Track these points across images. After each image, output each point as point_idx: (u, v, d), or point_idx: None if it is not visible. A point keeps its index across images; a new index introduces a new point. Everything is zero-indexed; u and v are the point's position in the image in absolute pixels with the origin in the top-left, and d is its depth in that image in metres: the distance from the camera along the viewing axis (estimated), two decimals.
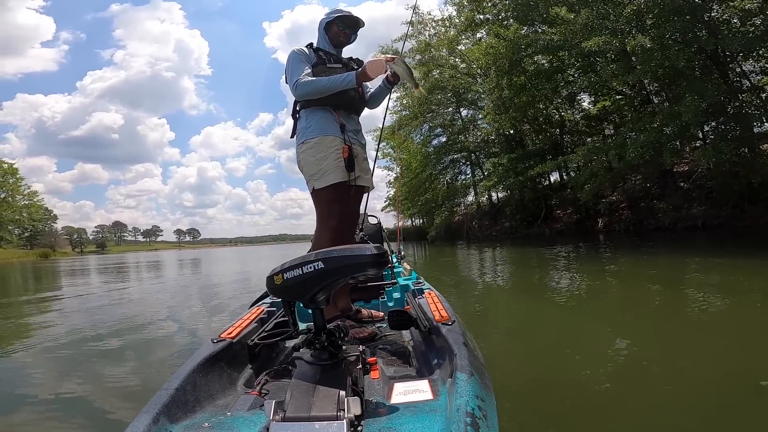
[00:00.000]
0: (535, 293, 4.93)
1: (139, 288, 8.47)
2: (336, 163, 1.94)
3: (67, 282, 11.04)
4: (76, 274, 14.77)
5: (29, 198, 49.86)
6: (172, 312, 5.01)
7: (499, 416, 0.95)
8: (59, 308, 5.89)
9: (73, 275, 13.91)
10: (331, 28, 2.12)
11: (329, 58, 2.07)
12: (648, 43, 9.28)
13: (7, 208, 45.80)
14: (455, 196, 22.11)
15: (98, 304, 6.03)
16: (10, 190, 46.59)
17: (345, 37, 2.15)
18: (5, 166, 46.45)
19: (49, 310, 5.68)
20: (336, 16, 2.11)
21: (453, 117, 22.87)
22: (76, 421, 1.95)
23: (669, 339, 2.62)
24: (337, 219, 1.98)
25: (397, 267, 3.14)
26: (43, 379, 2.64)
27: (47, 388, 2.44)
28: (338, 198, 1.97)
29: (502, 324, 3.55)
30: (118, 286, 8.84)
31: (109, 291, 8.02)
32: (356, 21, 2.16)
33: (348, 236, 2.11)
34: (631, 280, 5.26)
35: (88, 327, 4.17)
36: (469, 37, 16.84)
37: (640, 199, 16.03)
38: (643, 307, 3.65)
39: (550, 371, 2.20)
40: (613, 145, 11.58)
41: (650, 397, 1.75)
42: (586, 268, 6.68)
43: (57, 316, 5.22)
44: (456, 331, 1.26)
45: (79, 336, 3.77)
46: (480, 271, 7.69)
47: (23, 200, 48.96)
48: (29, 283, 11.83)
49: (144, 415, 0.88)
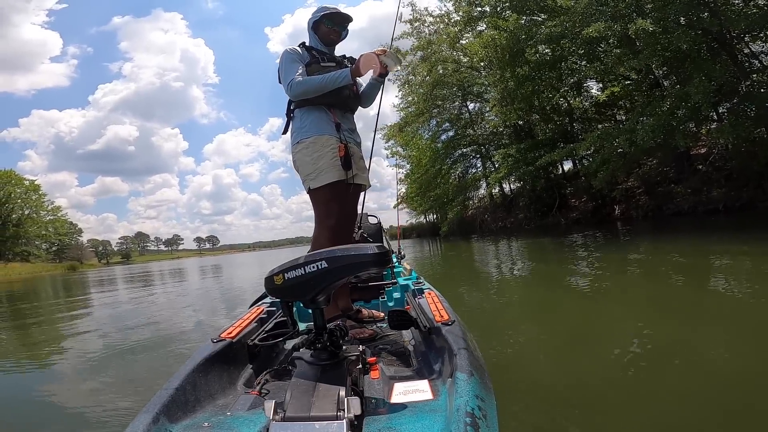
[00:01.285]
0: (549, 286, 4.83)
1: (170, 292, 8.89)
2: (332, 162, 1.93)
3: (107, 290, 11.53)
4: (111, 283, 15.44)
5: (53, 213, 51.54)
6: (197, 313, 5.37)
7: (499, 416, 0.94)
8: (99, 314, 6.28)
9: (109, 284, 14.57)
10: (319, 27, 2.09)
11: (322, 56, 2.05)
12: (650, 27, 9.01)
13: (33, 223, 47.49)
14: (466, 190, 21.91)
15: (130, 308, 6.52)
16: (33, 206, 48.28)
17: (335, 35, 2.11)
18: (27, 183, 48.12)
19: (86, 316, 6.09)
20: (322, 14, 2.07)
21: (460, 111, 22.67)
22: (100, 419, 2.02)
23: (693, 335, 2.45)
24: (336, 218, 1.97)
25: (397, 267, 3.13)
26: (68, 380, 2.85)
27: (70, 388, 2.63)
28: (336, 197, 1.96)
29: (512, 319, 3.46)
30: (148, 292, 9.38)
31: (143, 296, 8.49)
32: (343, 17, 2.11)
33: (347, 236, 2.10)
34: (652, 270, 4.98)
35: (118, 330, 4.48)
36: (469, 32, 16.62)
37: (657, 184, 15.60)
38: (665, 299, 3.40)
39: (561, 369, 2.16)
40: (623, 130, 11.29)
41: (665, 399, 1.67)
42: (604, 257, 6.48)
43: (92, 321, 5.60)
44: (456, 331, 1.26)
45: (111, 339, 4.07)
46: (492, 265, 7.62)
47: (48, 215, 50.66)
48: (72, 292, 12.29)
49: (144, 415, 0.88)
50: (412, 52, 19.44)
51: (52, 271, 39.38)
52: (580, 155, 15.89)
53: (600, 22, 9.76)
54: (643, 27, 9.06)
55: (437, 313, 1.46)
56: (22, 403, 2.44)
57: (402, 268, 3.05)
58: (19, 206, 46.74)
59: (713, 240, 6.77)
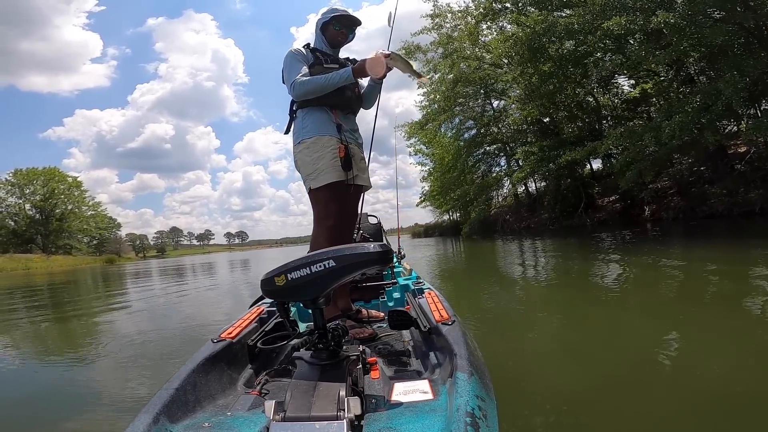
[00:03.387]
0: (566, 288, 4.74)
1: (200, 287, 9.20)
2: (332, 163, 1.93)
3: (150, 282, 12.15)
4: (146, 275, 16.25)
5: (94, 208, 54.29)
6: (226, 306, 5.72)
7: (500, 416, 0.94)
8: (136, 307, 6.58)
9: (144, 276, 15.37)
10: (327, 28, 2.09)
11: (326, 58, 2.05)
12: (673, 20, 8.57)
13: (75, 218, 50.16)
14: (489, 189, 21.55)
15: (163, 302, 6.91)
16: (75, 201, 50.97)
17: (343, 37, 2.12)
18: (69, 180, 50.86)
19: (123, 309, 6.39)
20: (332, 16, 2.07)
21: (483, 108, 22.31)
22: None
23: (720, 353, 2.22)
24: (334, 219, 1.97)
25: (397, 267, 3.13)
26: (104, 369, 2.98)
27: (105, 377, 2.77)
28: (335, 198, 1.97)
29: (521, 319, 3.45)
30: (181, 285, 9.99)
31: (176, 290, 8.89)
32: (352, 20, 2.12)
33: (347, 236, 2.10)
34: (680, 276, 4.64)
35: (151, 319, 4.84)
36: (490, 27, 16.32)
37: (690, 184, 14.88)
38: (691, 310, 3.13)
39: (568, 371, 2.14)
40: (648, 128, 10.82)
41: (670, 408, 1.61)
42: (629, 261, 6.15)
43: (127, 313, 5.94)
44: (456, 331, 1.26)
45: (144, 329, 4.33)
46: (512, 268, 7.39)
47: (89, 211, 53.39)
48: (110, 284, 13.04)
49: (144, 415, 0.88)
50: (433, 48, 19.27)
51: (92, 264, 41.42)
52: (606, 154, 15.30)
53: (619, 17, 9.37)
54: (665, 20, 8.63)
55: (437, 312, 1.46)
56: (58, 390, 2.57)
57: (402, 267, 3.06)
58: (62, 202, 49.43)
59: (752, 245, 6.31)
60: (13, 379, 2.93)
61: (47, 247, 45.97)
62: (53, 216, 47.98)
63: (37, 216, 47.70)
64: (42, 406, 2.27)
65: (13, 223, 46.53)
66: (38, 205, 47.40)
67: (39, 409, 2.23)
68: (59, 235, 48.35)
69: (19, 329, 5.14)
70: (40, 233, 47.11)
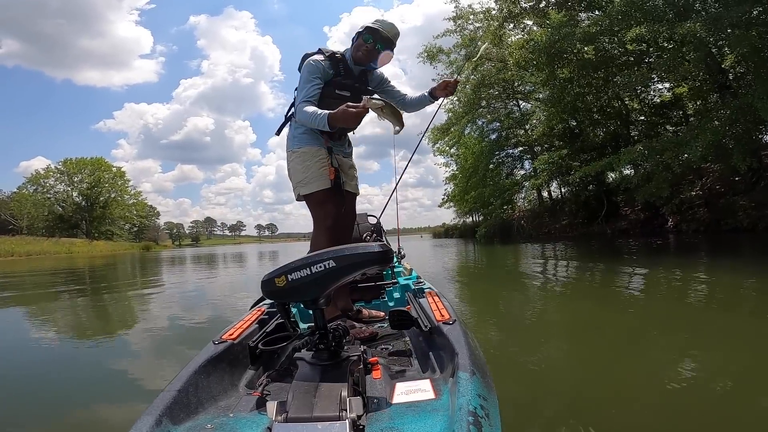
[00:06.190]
0: (581, 296, 4.77)
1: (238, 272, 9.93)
2: (320, 172, 1.95)
3: (177, 271, 13.01)
4: (181, 262, 17.36)
5: (135, 197, 57.13)
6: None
7: (502, 415, 0.94)
8: (169, 292, 7.11)
9: (180, 263, 16.48)
10: (358, 38, 1.97)
11: (347, 72, 1.97)
12: (698, 31, 8.21)
13: (117, 206, 53.01)
14: (506, 192, 21.21)
15: (193, 289, 7.46)
16: (119, 190, 53.81)
17: (365, 53, 1.96)
18: (114, 169, 53.68)
19: (157, 294, 6.92)
20: (366, 26, 1.96)
21: (509, 110, 22.00)
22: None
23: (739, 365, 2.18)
24: (332, 219, 1.98)
25: (397, 267, 3.12)
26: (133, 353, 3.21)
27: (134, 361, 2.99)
28: (330, 199, 1.98)
29: (530, 323, 3.53)
30: (213, 273, 10.94)
31: (208, 277, 9.80)
32: (383, 38, 1.95)
33: (346, 236, 2.10)
34: (704, 290, 4.47)
35: (184, 309, 5.05)
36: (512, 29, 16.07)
37: (720, 195, 14.22)
38: (710, 327, 3.04)
39: (573, 374, 2.15)
40: (668, 143, 10.37)
41: (672, 416, 1.60)
42: (650, 273, 5.98)
43: (160, 297, 6.37)
44: (457, 330, 1.26)
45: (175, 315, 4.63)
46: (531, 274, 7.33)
47: (130, 199, 56.29)
48: (147, 270, 14.07)
49: (147, 417, 0.88)
50: (456, 49, 19.15)
51: (130, 250, 43.61)
52: (626, 165, 14.78)
53: (638, 27, 9.06)
54: (691, 30, 8.32)
55: (438, 312, 1.47)
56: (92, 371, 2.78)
57: (402, 267, 3.05)
58: (107, 190, 52.14)
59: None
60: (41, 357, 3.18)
61: (90, 233, 48.61)
62: (98, 203, 50.67)
63: (83, 203, 50.51)
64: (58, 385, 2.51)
65: (60, 209, 49.41)
66: (84, 193, 50.13)
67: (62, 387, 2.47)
68: (102, 221, 51.02)
69: (58, 310, 5.59)
70: (85, 219, 49.93)
